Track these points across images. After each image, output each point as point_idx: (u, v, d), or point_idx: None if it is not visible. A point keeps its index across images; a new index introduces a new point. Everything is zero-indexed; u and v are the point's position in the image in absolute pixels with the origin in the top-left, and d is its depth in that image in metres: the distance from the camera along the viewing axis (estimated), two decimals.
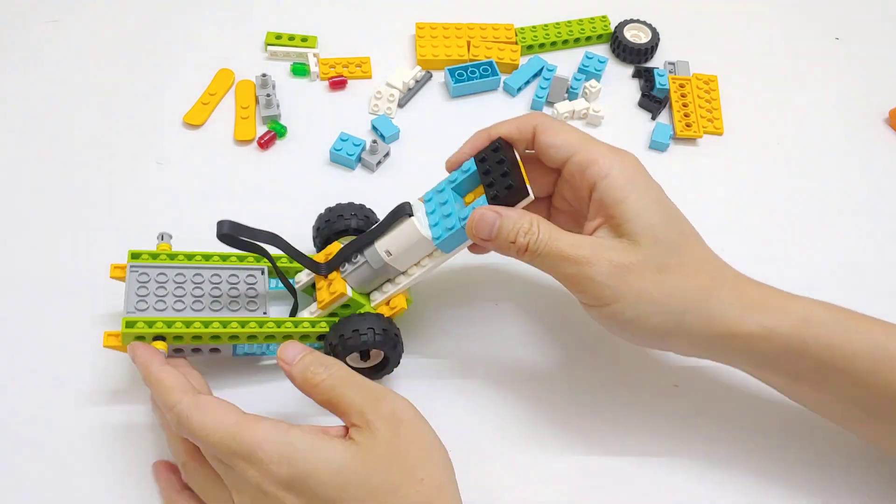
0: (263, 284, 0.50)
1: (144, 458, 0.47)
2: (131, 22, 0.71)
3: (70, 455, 0.47)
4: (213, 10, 0.73)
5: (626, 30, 0.72)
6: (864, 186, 0.65)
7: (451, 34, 0.71)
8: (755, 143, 0.67)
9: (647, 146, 0.66)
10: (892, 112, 0.69)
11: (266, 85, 0.66)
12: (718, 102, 0.69)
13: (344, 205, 0.53)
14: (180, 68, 0.68)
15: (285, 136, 0.64)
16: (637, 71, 0.71)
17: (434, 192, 0.49)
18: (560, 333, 0.54)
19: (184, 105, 0.64)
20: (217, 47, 0.69)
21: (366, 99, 0.67)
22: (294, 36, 0.70)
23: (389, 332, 0.47)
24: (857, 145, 0.68)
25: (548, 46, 0.72)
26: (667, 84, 0.68)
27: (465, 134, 0.67)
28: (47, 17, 0.71)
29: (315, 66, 0.68)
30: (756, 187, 0.64)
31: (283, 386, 0.44)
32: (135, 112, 0.64)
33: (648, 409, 0.51)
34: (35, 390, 0.49)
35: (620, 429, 0.50)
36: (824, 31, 0.77)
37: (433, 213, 0.47)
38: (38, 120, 0.63)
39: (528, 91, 0.69)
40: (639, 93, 0.69)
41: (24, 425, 0.48)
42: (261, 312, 0.49)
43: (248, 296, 0.49)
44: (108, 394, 0.49)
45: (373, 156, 0.62)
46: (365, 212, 0.53)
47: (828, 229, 0.62)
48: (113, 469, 0.47)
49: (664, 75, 0.69)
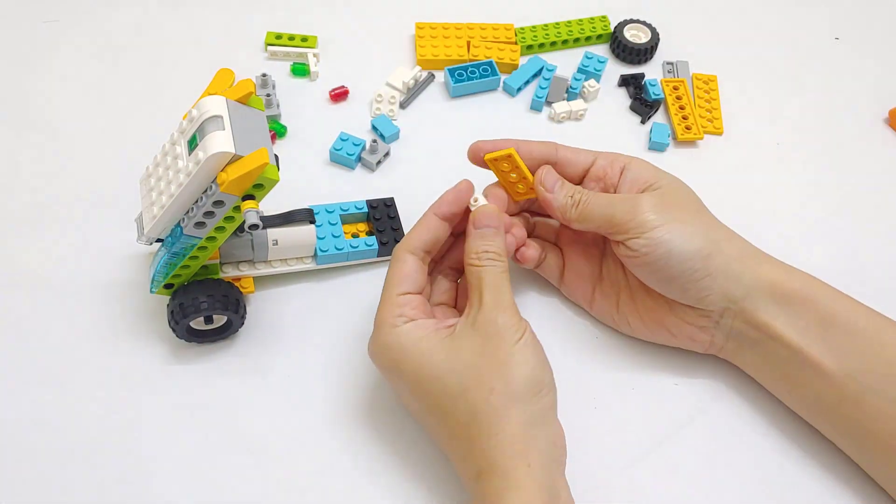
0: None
1: (144, 457, 0.47)
2: (131, 22, 0.71)
3: (70, 455, 0.47)
4: (213, 10, 0.73)
5: (625, 30, 0.72)
6: (863, 186, 0.65)
7: (451, 34, 0.71)
8: (755, 143, 0.67)
9: (646, 147, 0.66)
10: (892, 112, 0.69)
11: (266, 85, 0.66)
12: (718, 102, 0.69)
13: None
14: (180, 68, 0.68)
15: (285, 135, 0.64)
16: (623, 80, 0.70)
17: (324, 210, 0.56)
18: (560, 334, 0.54)
19: (184, 105, 0.64)
20: (217, 47, 0.69)
21: (366, 100, 0.67)
22: (294, 36, 0.70)
23: (230, 298, 0.49)
24: (857, 145, 0.68)
25: (547, 46, 0.72)
26: (661, 93, 0.68)
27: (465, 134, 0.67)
28: (47, 17, 0.71)
29: (315, 66, 0.68)
30: (756, 187, 0.64)
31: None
32: (135, 112, 0.64)
33: (648, 408, 0.51)
34: (35, 390, 0.49)
35: (620, 429, 0.50)
36: (824, 31, 0.77)
37: (320, 226, 0.55)
38: (38, 120, 0.63)
39: (527, 91, 0.69)
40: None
41: (25, 425, 0.48)
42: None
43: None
44: (109, 393, 0.49)
45: (373, 155, 0.62)
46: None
47: (828, 229, 0.62)
48: (113, 469, 0.47)
49: (656, 84, 0.69)
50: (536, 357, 0.44)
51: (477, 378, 0.42)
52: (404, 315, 0.45)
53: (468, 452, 0.42)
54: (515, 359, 0.42)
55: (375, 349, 0.45)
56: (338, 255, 0.54)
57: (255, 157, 0.42)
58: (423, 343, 0.43)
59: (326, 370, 0.51)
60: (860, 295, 0.48)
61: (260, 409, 0.50)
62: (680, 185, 0.50)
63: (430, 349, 0.43)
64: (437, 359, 0.43)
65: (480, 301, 0.44)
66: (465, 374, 0.42)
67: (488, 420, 0.41)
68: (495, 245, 0.46)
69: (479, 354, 0.42)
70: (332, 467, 0.48)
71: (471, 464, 0.42)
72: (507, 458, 0.41)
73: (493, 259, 0.45)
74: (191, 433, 0.48)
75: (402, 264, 0.46)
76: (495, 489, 0.40)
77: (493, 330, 0.43)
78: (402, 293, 0.46)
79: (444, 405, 0.43)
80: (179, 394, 0.50)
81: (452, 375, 0.42)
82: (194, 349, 0.51)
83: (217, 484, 0.47)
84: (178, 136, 0.45)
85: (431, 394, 0.43)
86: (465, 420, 0.42)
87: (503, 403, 0.41)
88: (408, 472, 0.47)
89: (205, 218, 0.45)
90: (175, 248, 0.47)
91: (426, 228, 0.47)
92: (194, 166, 0.43)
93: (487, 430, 0.41)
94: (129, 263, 0.55)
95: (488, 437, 0.41)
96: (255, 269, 0.52)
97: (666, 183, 0.50)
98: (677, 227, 0.47)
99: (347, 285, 0.55)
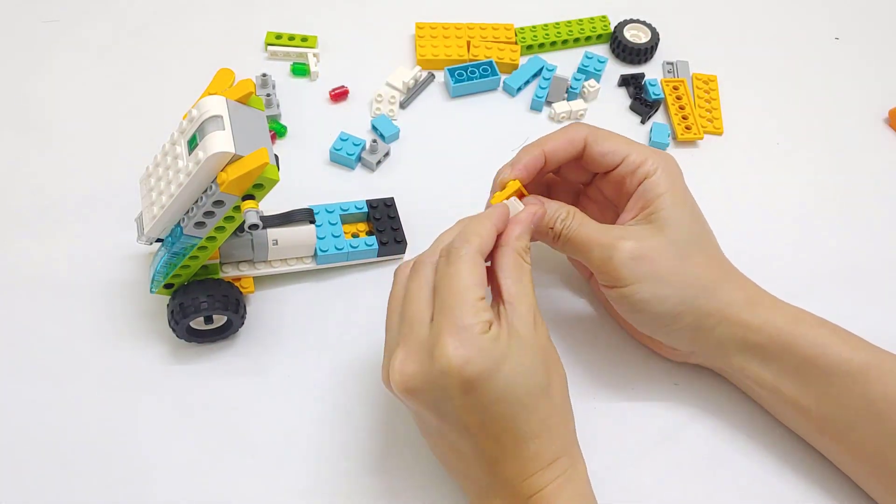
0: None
1: (144, 457, 0.47)
2: (131, 22, 0.71)
3: (70, 455, 0.47)
4: (213, 10, 0.73)
5: (625, 30, 0.72)
6: (863, 186, 0.65)
7: (451, 34, 0.71)
8: (755, 143, 0.67)
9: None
10: (892, 112, 0.69)
11: (266, 85, 0.66)
12: (718, 102, 0.69)
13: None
14: (180, 68, 0.68)
15: (285, 135, 0.64)
16: (623, 80, 0.70)
17: (324, 210, 0.56)
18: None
19: (183, 105, 0.64)
20: (217, 47, 0.69)
21: (366, 100, 0.67)
22: (294, 36, 0.70)
23: (230, 298, 0.49)
24: (857, 145, 0.68)
25: (547, 46, 0.72)
26: (661, 93, 0.68)
27: (465, 134, 0.67)
28: (47, 17, 0.71)
29: (315, 66, 0.68)
30: (755, 187, 0.64)
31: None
32: (135, 112, 0.64)
33: (648, 408, 0.51)
34: (35, 390, 0.49)
35: (620, 429, 0.50)
36: (824, 31, 0.77)
37: (320, 226, 0.55)
38: (38, 120, 0.63)
39: (527, 91, 0.69)
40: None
41: (25, 425, 0.48)
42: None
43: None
44: (109, 393, 0.49)
45: (373, 155, 0.62)
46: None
47: (827, 229, 0.62)
48: (113, 468, 0.47)
49: (656, 84, 0.69)
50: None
51: (547, 371, 0.42)
52: (490, 322, 0.40)
53: (545, 444, 0.41)
54: (554, 356, 0.44)
55: (465, 356, 0.39)
56: (338, 255, 0.54)
57: (255, 157, 0.42)
58: (508, 344, 0.40)
59: (326, 370, 0.51)
60: (860, 294, 0.49)
61: (260, 409, 0.50)
62: (680, 217, 0.47)
63: (510, 350, 0.40)
64: (524, 355, 0.40)
65: (526, 300, 0.42)
66: (539, 370, 0.41)
67: (565, 410, 0.43)
68: (529, 250, 0.45)
69: (546, 349, 0.43)
70: (331, 467, 0.48)
71: (547, 452, 0.41)
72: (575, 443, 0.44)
73: (528, 261, 0.45)
74: (190, 433, 0.48)
75: (480, 266, 0.41)
76: (577, 472, 0.43)
77: (543, 329, 0.43)
78: (482, 297, 0.41)
79: (529, 403, 0.40)
80: (179, 394, 0.50)
81: (535, 371, 0.41)
82: (194, 349, 0.51)
83: (217, 484, 0.47)
84: (178, 136, 0.45)
85: (522, 388, 0.40)
86: (546, 415, 0.41)
87: (566, 396, 0.44)
88: (408, 472, 0.47)
89: (205, 218, 0.45)
90: (175, 248, 0.47)
91: (490, 238, 0.43)
92: (194, 166, 0.43)
93: (566, 418, 0.43)
94: (129, 263, 0.55)
95: (566, 424, 0.43)
96: (255, 269, 0.52)
97: (665, 213, 0.47)
98: (649, 287, 0.46)
99: (347, 285, 0.55)
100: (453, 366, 0.38)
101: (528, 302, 0.42)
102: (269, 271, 0.53)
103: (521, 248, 0.44)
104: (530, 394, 0.40)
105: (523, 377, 0.40)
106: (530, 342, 0.41)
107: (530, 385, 0.40)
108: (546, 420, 0.41)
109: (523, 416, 0.40)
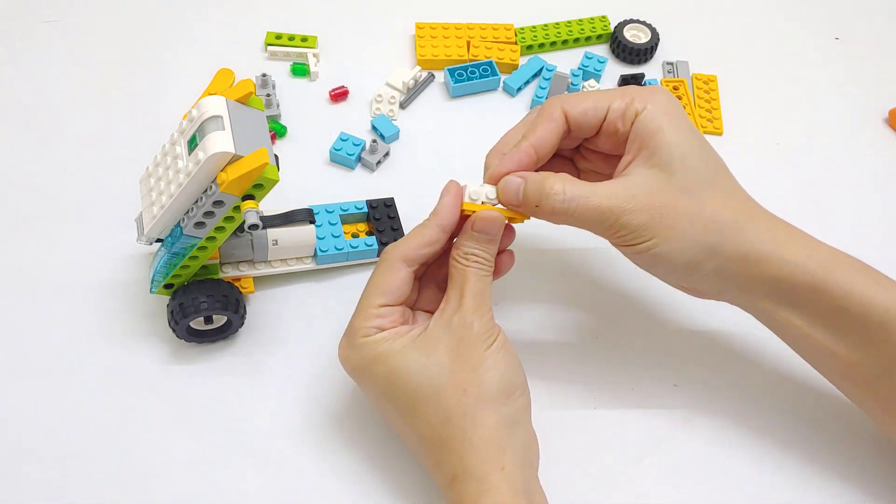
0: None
1: (144, 457, 0.47)
2: (131, 22, 0.71)
3: (70, 455, 0.47)
4: (213, 10, 0.73)
5: (625, 30, 0.72)
6: (863, 186, 0.65)
7: (451, 34, 0.71)
8: (755, 143, 0.67)
9: None
10: (892, 112, 0.69)
11: (266, 85, 0.66)
12: (718, 102, 0.69)
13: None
14: (180, 68, 0.68)
15: (285, 136, 0.64)
16: (623, 80, 0.70)
17: (324, 210, 0.56)
18: (559, 334, 0.54)
19: (183, 105, 0.64)
20: (217, 47, 0.69)
21: (366, 100, 0.67)
22: (294, 36, 0.70)
23: (230, 298, 0.49)
24: (857, 145, 0.68)
25: (547, 46, 0.72)
26: None
27: (465, 134, 0.67)
28: (47, 17, 0.71)
29: (315, 66, 0.68)
30: (755, 187, 0.64)
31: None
32: (134, 112, 0.64)
33: (648, 409, 0.51)
34: (35, 390, 0.49)
35: (619, 429, 0.50)
36: (824, 31, 0.77)
37: (320, 226, 0.55)
38: (37, 120, 0.63)
39: (527, 91, 0.69)
40: None
41: (24, 425, 0.48)
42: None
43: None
44: (109, 393, 0.49)
45: (373, 155, 0.62)
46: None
47: (827, 229, 0.61)
48: (112, 468, 0.47)
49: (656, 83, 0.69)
50: (508, 359, 0.43)
51: (450, 378, 0.41)
52: (378, 327, 0.43)
53: (442, 458, 0.41)
54: (487, 363, 0.42)
55: (345, 354, 0.44)
56: (338, 255, 0.54)
57: (255, 157, 0.42)
58: (394, 343, 0.43)
59: (326, 370, 0.51)
60: None
61: (260, 409, 0.50)
62: (686, 152, 0.44)
63: (403, 348, 0.42)
64: (410, 357, 0.42)
65: (461, 302, 0.43)
66: (438, 373, 0.41)
67: (461, 423, 0.41)
68: (487, 252, 0.44)
69: (453, 355, 0.42)
70: (331, 467, 0.48)
71: (445, 469, 0.41)
72: (480, 461, 0.40)
73: (480, 263, 0.44)
74: (190, 433, 0.48)
75: (394, 273, 0.44)
76: (470, 494, 0.40)
77: (467, 333, 0.42)
78: (383, 304, 0.44)
79: (416, 407, 0.42)
80: (179, 394, 0.50)
81: (425, 374, 0.42)
82: (194, 349, 0.51)
83: (216, 484, 0.47)
84: (178, 136, 0.45)
85: (405, 393, 0.42)
86: (438, 423, 0.41)
87: (476, 405, 0.41)
88: (408, 472, 0.47)
89: (205, 218, 0.45)
90: (175, 248, 0.47)
91: (427, 242, 0.44)
92: (194, 166, 0.43)
93: (461, 434, 0.41)
94: (129, 263, 0.55)
95: (461, 441, 0.41)
96: (255, 269, 0.52)
97: (668, 152, 0.43)
98: (664, 241, 0.43)
99: (347, 285, 0.55)
100: (340, 359, 0.45)
101: (452, 307, 0.43)
102: (269, 271, 0.53)
103: (458, 255, 0.44)
104: (420, 395, 0.42)
105: (409, 376, 0.42)
106: (434, 342, 0.42)
107: (420, 384, 0.42)
108: (438, 428, 0.41)
109: (408, 417, 0.43)
